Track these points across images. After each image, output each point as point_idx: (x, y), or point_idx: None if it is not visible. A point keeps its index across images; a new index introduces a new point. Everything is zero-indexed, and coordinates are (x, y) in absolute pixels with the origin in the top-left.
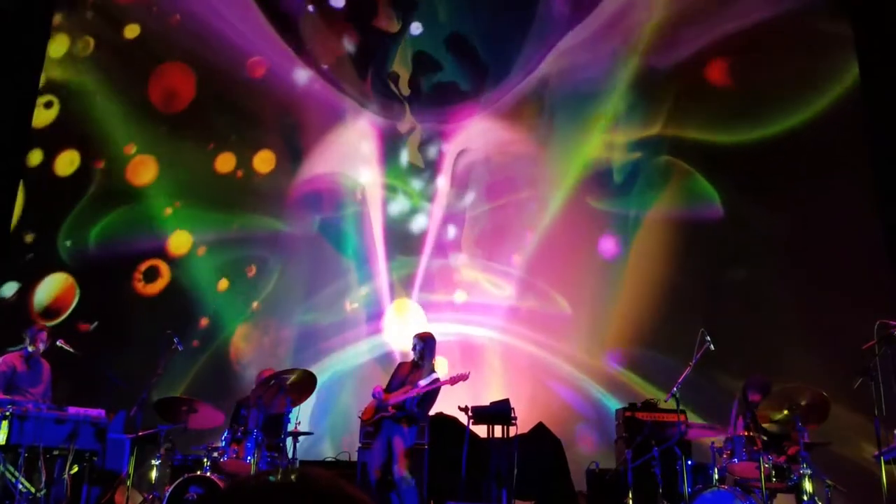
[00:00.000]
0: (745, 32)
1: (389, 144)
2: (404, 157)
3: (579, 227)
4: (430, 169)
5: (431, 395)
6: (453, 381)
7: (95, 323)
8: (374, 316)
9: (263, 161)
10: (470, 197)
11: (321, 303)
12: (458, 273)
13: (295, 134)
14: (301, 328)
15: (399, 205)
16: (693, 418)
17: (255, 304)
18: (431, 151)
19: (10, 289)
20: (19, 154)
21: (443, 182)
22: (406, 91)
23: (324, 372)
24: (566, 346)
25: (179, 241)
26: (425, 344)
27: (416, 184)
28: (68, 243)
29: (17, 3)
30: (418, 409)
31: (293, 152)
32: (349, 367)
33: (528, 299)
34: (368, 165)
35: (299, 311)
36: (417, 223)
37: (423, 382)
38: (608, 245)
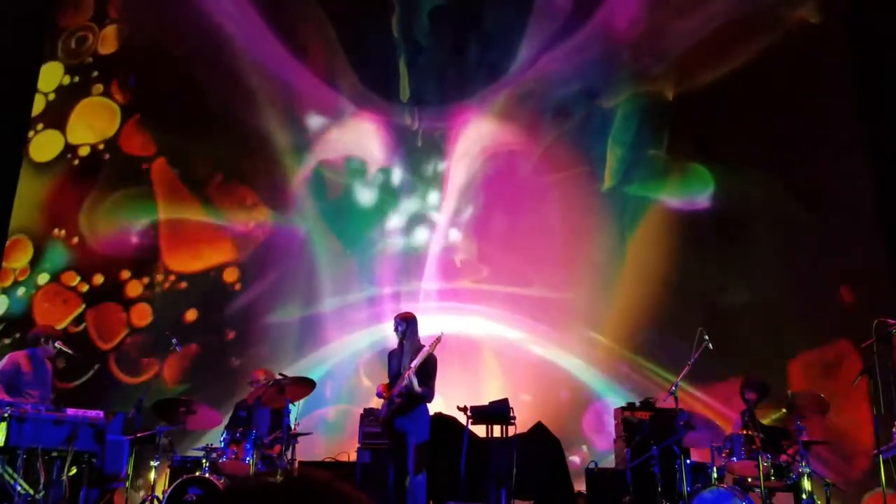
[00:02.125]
0: (735, 22)
1: (389, 142)
2: (405, 154)
3: (580, 223)
4: (429, 166)
5: (426, 367)
6: (433, 347)
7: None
8: (374, 312)
9: (265, 155)
10: (469, 193)
11: (320, 297)
12: (457, 270)
13: (296, 131)
14: (300, 323)
15: (398, 200)
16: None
17: (252, 298)
18: (431, 149)
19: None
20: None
21: (442, 179)
22: (406, 91)
23: (322, 367)
24: (565, 346)
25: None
26: (408, 324)
27: (416, 180)
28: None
29: (16, 2)
30: (421, 387)
31: (295, 148)
32: (348, 364)
33: (527, 297)
34: (368, 162)
35: (297, 305)
36: (417, 219)
37: (414, 363)
38: (609, 239)
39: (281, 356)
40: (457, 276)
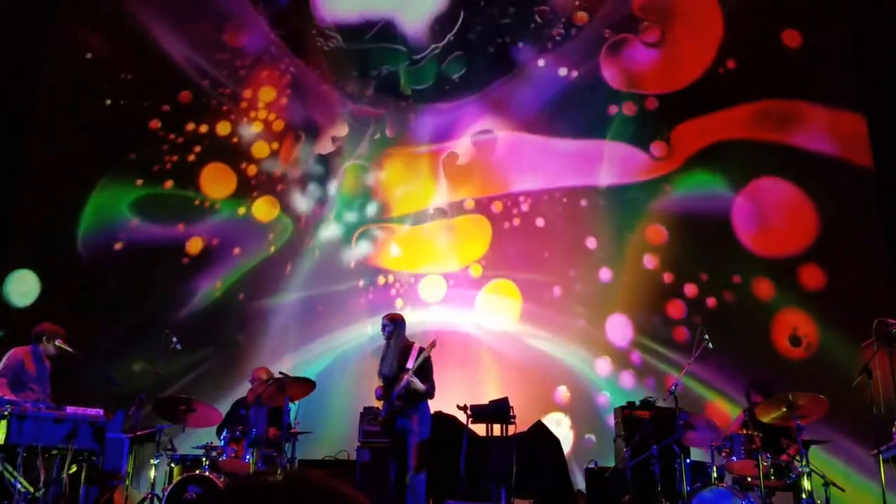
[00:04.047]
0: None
1: (389, 139)
2: (403, 151)
3: (581, 220)
4: (428, 164)
5: (423, 366)
6: (428, 350)
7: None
8: (372, 306)
9: (271, 145)
10: (469, 190)
11: (319, 291)
12: (457, 267)
13: (298, 123)
14: (299, 317)
15: (397, 196)
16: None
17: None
18: (431, 146)
19: None
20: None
21: (441, 176)
22: (407, 89)
23: (322, 361)
24: (564, 344)
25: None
26: (395, 325)
27: (415, 177)
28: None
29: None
30: (423, 385)
31: (297, 141)
32: (348, 362)
33: (527, 295)
34: (368, 157)
35: (296, 298)
36: (416, 215)
37: (410, 363)
38: (609, 236)
39: (279, 354)
40: (458, 269)
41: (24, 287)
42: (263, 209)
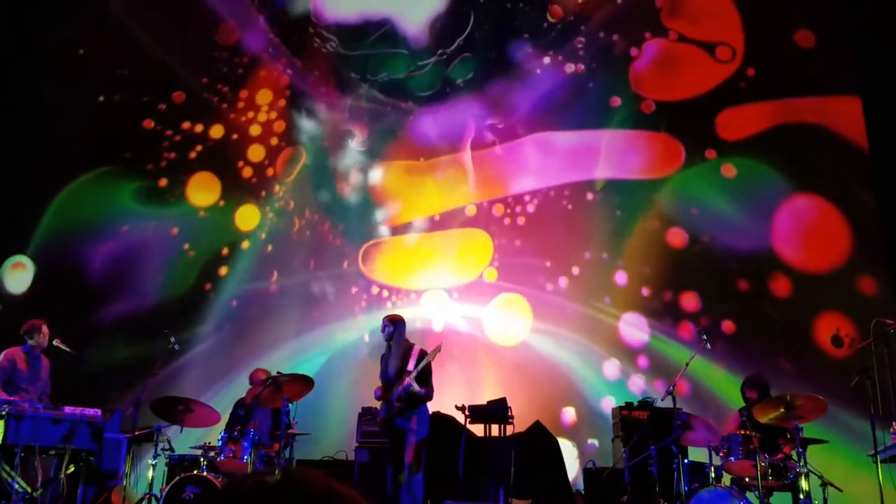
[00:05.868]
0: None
1: (389, 142)
2: (404, 154)
3: (583, 220)
4: (430, 168)
5: (425, 371)
6: (432, 356)
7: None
8: (372, 306)
9: (268, 148)
10: (471, 191)
11: (319, 290)
12: (458, 262)
13: (301, 122)
14: (298, 316)
15: (398, 201)
16: None
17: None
18: (435, 146)
19: None
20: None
21: (442, 176)
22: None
23: (321, 358)
24: (564, 344)
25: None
26: (395, 326)
27: (415, 177)
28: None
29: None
30: (423, 388)
31: (300, 139)
32: (347, 363)
33: (526, 295)
34: (368, 161)
35: (296, 295)
36: (418, 222)
37: (411, 366)
38: (610, 235)
39: (277, 353)
40: (459, 269)
41: (18, 273)
42: (257, 212)
